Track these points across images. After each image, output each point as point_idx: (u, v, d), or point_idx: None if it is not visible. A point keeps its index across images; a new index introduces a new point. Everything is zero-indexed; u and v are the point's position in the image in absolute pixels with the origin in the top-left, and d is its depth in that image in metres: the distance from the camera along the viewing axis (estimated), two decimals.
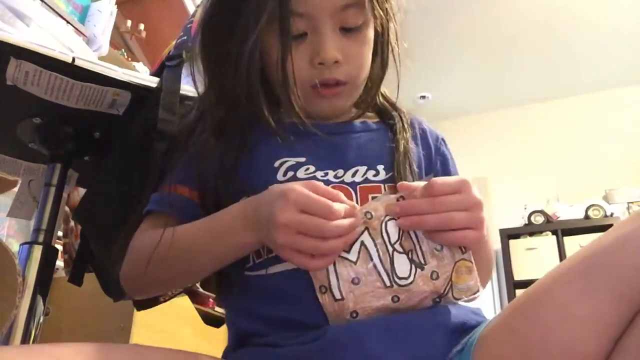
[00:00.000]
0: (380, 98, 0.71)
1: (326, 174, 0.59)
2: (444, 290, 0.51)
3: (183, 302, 1.64)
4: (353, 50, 0.62)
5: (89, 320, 1.47)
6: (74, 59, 0.68)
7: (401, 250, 0.51)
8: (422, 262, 0.51)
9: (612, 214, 3.37)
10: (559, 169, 3.86)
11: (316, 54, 0.60)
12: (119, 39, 2.10)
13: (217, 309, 1.87)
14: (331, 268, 0.49)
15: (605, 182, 3.66)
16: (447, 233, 0.51)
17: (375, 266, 0.50)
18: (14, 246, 1.56)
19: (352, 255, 0.50)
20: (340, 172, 0.59)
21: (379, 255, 0.50)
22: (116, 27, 1.96)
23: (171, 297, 0.92)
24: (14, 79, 0.68)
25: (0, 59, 0.65)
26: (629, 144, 3.81)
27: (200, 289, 1.81)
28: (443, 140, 0.73)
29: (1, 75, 0.67)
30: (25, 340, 0.75)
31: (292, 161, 0.59)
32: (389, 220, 0.51)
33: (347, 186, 0.57)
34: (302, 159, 0.59)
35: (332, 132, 0.63)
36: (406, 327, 0.49)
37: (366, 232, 0.50)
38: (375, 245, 0.50)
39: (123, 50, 2.07)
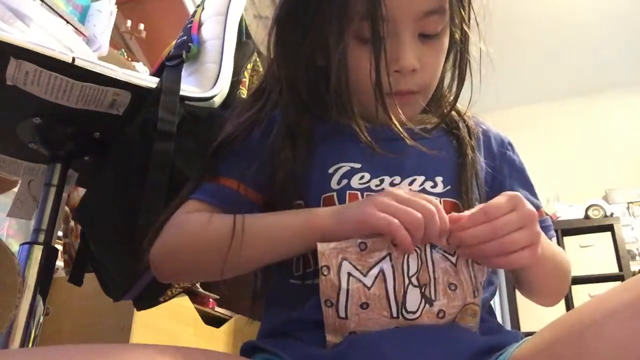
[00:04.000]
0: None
1: (382, 182, 0.57)
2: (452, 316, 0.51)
3: (183, 302, 1.64)
4: (430, 59, 0.59)
5: (89, 320, 1.47)
6: (74, 59, 0.68)
7: (416, 284, 0.49)
8: (433, 298, 0.50)
9: (612, 214, 3.37)
10: (559, 169, 3.86)
11: (394, 61, 0.56)
12: (119, 39, 2.10)
13: (217, 309, 1.87)
14: (343, 286, 0.48)
15: (605, 182, 3.66)
16: (504, 257, 0.49)
17: (387, 295, 0.48)
18: (14, 246, 1.55)
19: (368, 280, 0.48)
20: (397, 179, 0.57)
21: (394, 285, 0.48)
22: (116, 27, 1.97)
23: (171, 297, 0.92)
24: (14, 79, 0.68)
25: (0, 59, 0.65)
26: (629, 144, 3.81)
27: (200, 289, 1.81)
28: (510, 144, 0.70)
29: (1, 75, 0.67)
30: (25, 340, 0.74)
31: (347, 167, 0.58)
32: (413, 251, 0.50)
33: None
34: (358, 165, 0.58)
35: (390, 138, 0.58)
36: (427, 339, 0.49)
37: (388, 258, 0.49)
38: (394, 275, 0.49)
39: (123, 50, 2.07)
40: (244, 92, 0.91)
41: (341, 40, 0.56)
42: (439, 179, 0.59)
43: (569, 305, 3.12)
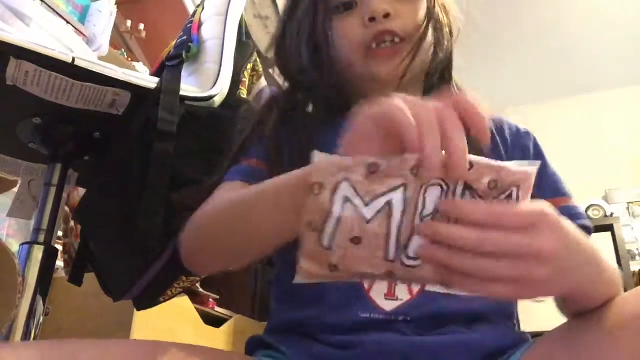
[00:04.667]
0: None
1: None
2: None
3: (183, 302, 1.63)
4: (403, 7, 0.62)
5: (89, 320, 1.46)
6: (74, 59, 0.68)
7: None
8: None
9: (612, 214, 3.37)
10: (558, 169, 3.86)
11: (367, 12, 0.61)
12: (119, 39, 2.10)
13: (217, 309, 1.87)
14: (335, 211, 0.37)
15: (605, 182, 3.66)
16: (472, 281, 0.37)
17: (388, 234, 0.38)
18: (14, 246, 1.55)
19: (369, 211, 0.38)
20: None
21: (400, 225, 0.38)
22: (116, 27, 1.96)
23: (171, 297, 0.92)
24: (14, 79, 0.68)
25: (1, 59, 0.65)
26: (629, 144, 3.81)
27: (200, 289, 1.81)
28: (527, 133, 0.70)
29: (1, 75, 0.67)
30: (25, 340, 0.74)
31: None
32: (432, 185, 0.37)
33: None
34: None
35: None
36: (438, 347, 0.49)
37: (401, 190, 0.37)
38: (403, 212, 0.38)
39: (123, 50, 2.07)
40: (244, 92, 0.91)
41: (325, 17, 0.63)
42: None
43: None
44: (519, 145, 0.67)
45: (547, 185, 0.64)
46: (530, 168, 0.38)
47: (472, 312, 0.54)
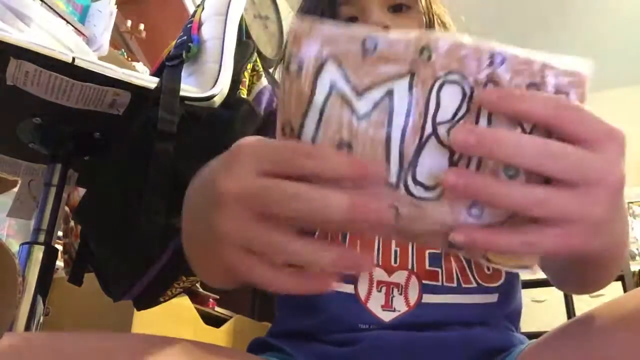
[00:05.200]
0: None
1: None
2: None
3: (183, 302, 1.63)
4: (402, 22, 0.63)
5: (89, 320, 1.46)
6: (74, 59, 0.68)
7: (445, 140, 0.27)
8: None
9: None
10: None
11: (367, 23, 0.62)
12: (119, 39, 2.09)
13: (217, 309, 1.87)
14: (318, 100, 0.27)
15: None
16: (523, 235, 0.27)
17: (388, 141, 0.27)
18: (14, 246, 1.55)
19: (363, 104, 0.27)
20: None
21: (404, 130, 0.27)
22: (116, 27, 1.96)
23: (171, 297, 0.92)
24: (14, 79, 0.68)
25: (1, 59, 0.65)
26: (629, 144, 3.81)
27: (200, 289, 1.81)
28: None
29: (1, 75, 0.67)
30: None
31: None
32: (451, 83, 0.27)
33: None
34: None
35: None
36: (437, 343, 0.50)
37: (407, 79, 0.27)
38: (409, 110, 0.27)
39: (123, 50, 2.07)
40: (244, 92, 0.91)
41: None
42: None
43: (569, 306, 3.12)
44: None
45: None
46: (583, 68, 0.29)
47: (473, 318, 0.54)
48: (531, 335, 0.56)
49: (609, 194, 0.27)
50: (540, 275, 0.48)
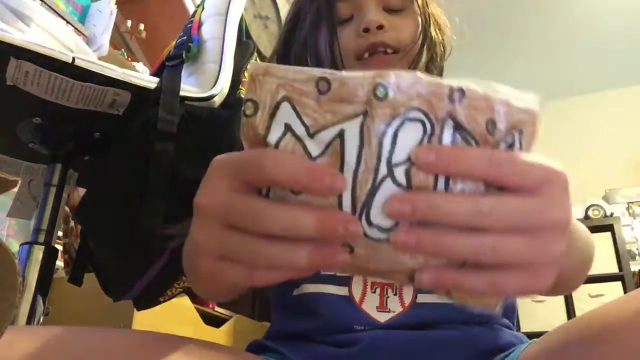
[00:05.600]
0: None
1: None
2: None
3: (183, 302, 1.63)
4: (397, 21, 0.64)
5: (89, 320, 1.46)
6: (74, 59, 0.68)
7: (403, 180, 0.27)
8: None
9: (612, 214, 3.37)
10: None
11: (361, 23, 0.62)
12: (119, 39, 2.09)
13: (217, 309, 1.87)
14: (272, 140, 0.27)
15: (605, 182, 3.66)
16: (482, 276, 0.27)
17: None
18: (14, 246, 1.55)
19: (315, 145, 0.27)
20: None
21: (357, 169, 0.27)
22: (116, 27, 1.96)
23: (171, 297, 0.92)
24: (14, 79, 0.68)
25: (1, 59, 0.65)
26: (629, 144, 3.81)
27: None
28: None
29: (1, 75, 0.67)
30: None
31: None
32: (411, 120, 0.26)
33: None
34: None
35: None
36: (436, 342, 0.50)
37: (359, 120, 0.27)
38: (360, 150, 0.26)
39: (123, 50, 2.07)
40: (244, 92, 0.91)
41: (330, 29, 0.64)
42: None
43: (569, 306, 3.12)
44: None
45: None
46: (535, 105, 0.28)
47: (468, 318, 0.54)
48: (531, 335, 0.56)
49: (555, 233, 0.27)
50: None
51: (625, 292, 3.06)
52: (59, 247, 0.89)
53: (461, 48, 0.73)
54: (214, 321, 1.81)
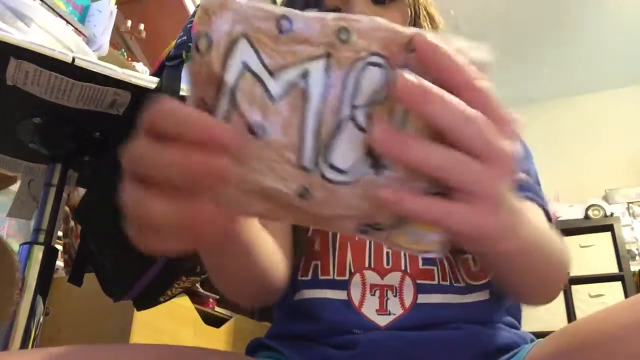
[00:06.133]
0: None
1: None
2: (382, 225, 0.28)
3: (183, 302, 1.64)
4: (385, 15, 0.63)
5: (89, 320, 1.46)
6: (74, 59, 0.68)
7: (362, 123, 0.27)
8: (384, 163, 0.27)
9: (612, 214, 3.37)
10: (558, 169, 3.86)
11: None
12: (119, 39, 2.10)
13: (217, 309, 1.87)
14: (229, 80, 0.26)
15: (605, 182, 3.66)
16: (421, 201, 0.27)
17: (302, 125, 0.26)
18: (14, 246, 1.55)
19: (276, 86, 0.26)
20: None
21: (320, 113, 0.26)
22: (116, 27, 1.96)
23: (171, 297, 0.92)
24: (14, 79, 0.68)
25: (1, 59, 0.65)
26: (629, 144, 3.81)
27: (200, 289, 1.81)
28: None
29: (1, 75, 0.67)
30: (25, 340, 0.74)
31: None
32: (372, 64, 0.26)
33: None
34: None
35: None
36: (434, 347, 0.49)
37: (322, 61, 0.26)
38: (325, 92, 0.26)
39: (123, 50, 2.07)
40: None
41: None
42: None
43: (569, 306, 3.12)
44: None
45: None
46: (486, 56, 0.29)
47: (471, 317, 0.54)
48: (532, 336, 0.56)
49: (505, 175, 0.28)
50: None
51: (625, 292, 3.06)
52: (59, 247, 0.89)
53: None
54: (214, 321, 1.81)
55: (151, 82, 0.74)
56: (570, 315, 3.11)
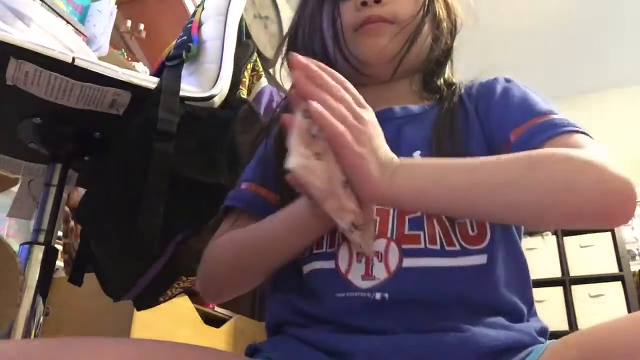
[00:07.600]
0: (441, 81, 0.71)
1: None
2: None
3: (183, 302, 1.63)
4: None
5: (89, 320, 1.46)
6: (74, 59, 0.68)
7: None
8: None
9: None
10: None
11: None
12: (119, 39, 2.09)
13: (217, 309, 1.87)
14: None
15: None
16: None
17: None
18: (14, 246, 1.55)
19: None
20: None
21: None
22: (116, 27, 1.96)
23: (171, 297, 0.92)
24: (14, 79, 0.68)
25: (1, 59, 0.65)
26: (629, 144, 3.81)
27: None
28: (495, 79, 0.68)
29: (1, 75, 0.67)
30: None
31: None
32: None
33: None
34: None
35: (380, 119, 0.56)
36: (432, 350, 0.48)
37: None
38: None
39: (123, 50, 2.07)
40: (244, 92, 0.91)
41: (332, 4, 0.67)
42: (416, 154, 0.59)
43: (569, 307, 3.12)
44: (482, 94, 0.66)
45: (518, 113, 0.62)
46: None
47: (459, 284, 0.53)
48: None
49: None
50: (539, 275, 0.46)
51: (625, 292, 3.06)
52: (59, 247, 0.89)
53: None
54: (214, 321, 1.81)
55: (151, 82, 0.75)
56: (570, 315, 3.11)
